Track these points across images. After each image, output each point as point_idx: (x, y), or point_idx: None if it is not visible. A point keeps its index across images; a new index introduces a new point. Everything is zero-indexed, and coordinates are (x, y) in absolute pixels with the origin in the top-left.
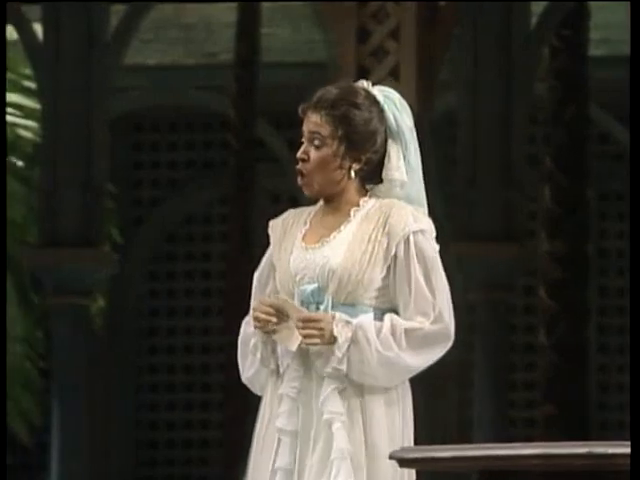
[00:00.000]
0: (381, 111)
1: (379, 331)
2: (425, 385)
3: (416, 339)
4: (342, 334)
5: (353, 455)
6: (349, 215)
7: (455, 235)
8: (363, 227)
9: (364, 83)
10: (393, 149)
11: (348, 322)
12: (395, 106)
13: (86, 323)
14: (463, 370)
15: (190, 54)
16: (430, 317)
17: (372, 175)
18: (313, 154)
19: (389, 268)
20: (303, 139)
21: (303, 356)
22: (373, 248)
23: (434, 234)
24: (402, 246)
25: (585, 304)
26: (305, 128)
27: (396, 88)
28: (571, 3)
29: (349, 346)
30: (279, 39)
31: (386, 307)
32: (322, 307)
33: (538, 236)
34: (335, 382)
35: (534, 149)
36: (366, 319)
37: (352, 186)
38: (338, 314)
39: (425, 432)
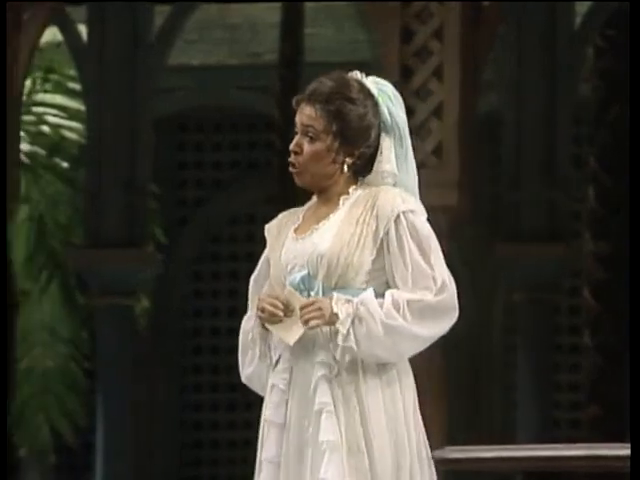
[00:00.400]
0: (375, 105)
1: (381, 305)
2: (468, 385)
3: (419, 310)
4: (342, 310)
5: (352, 443)
6: (338, 204)
7: (499, 236)
8: (352, 212)
9: (357, 74)
10: (386, 142)
11: (348, 300)
12: (389, 99)
13: (130, 323)
14: (507, 371)
15: (234, 54)
16: (432, 290)
17: (364, 168)
18: (306, 147)
19: (380, 250)
20: (296, 129)
21: (295, 347)
22: (361, 231)
23: (425, 215)
24: (392, 226)
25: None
26: (298, 120)
27: (440, 88)
28: (615, 3)
29: (353, 321)
30: (323, 39)
31: (379, 291)
32: (313, 293)
33: (582, 237)
34: (325, 369)
35: (578, 149)
36: (367, 294)
37: (343, 178)
38: (336, 294)
39: (469, 433)
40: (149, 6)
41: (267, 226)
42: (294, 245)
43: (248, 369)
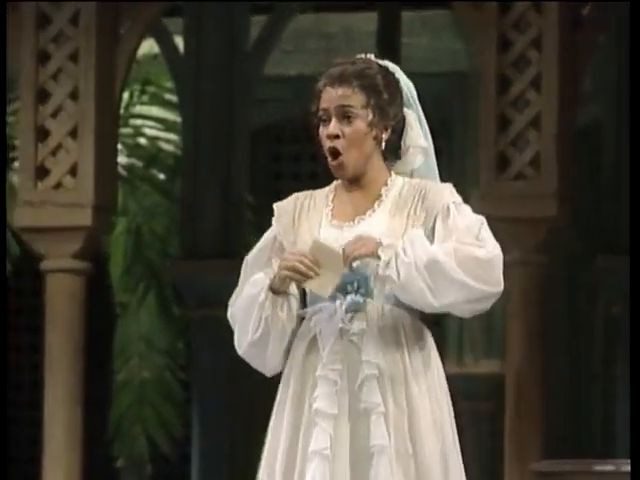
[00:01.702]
0: (397, 82)
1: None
2: (567, 398)
3: (465, 258)
4: (386, 240)
5: (400, 446)
6: (380, 194)
7: (599, 247)
8: (400, 204)
9: (369, 56)
10: (412, 117)
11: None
12: (404, 77)
13: (226, 335)
14: (607, 383)
15: (330, 64)
16: (482, 250)
17: (392, 148)
18: (347, 129)
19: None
20: (323, 117)
21: (342, 338)
22: (413, 223)
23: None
24: (441, 216)
25: None
26: (328, 105)
27: (538, 99)
28: None
29: (396, 252)
30: (419, 48)
31: None
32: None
33: None
34: (372, 368)
35: None
36: (416, 231)
37: (375, 163)
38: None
39: (568, 446)
40: (246, 16)
41: (277, 206)
42: (338, 232)
43: (254, 335)
